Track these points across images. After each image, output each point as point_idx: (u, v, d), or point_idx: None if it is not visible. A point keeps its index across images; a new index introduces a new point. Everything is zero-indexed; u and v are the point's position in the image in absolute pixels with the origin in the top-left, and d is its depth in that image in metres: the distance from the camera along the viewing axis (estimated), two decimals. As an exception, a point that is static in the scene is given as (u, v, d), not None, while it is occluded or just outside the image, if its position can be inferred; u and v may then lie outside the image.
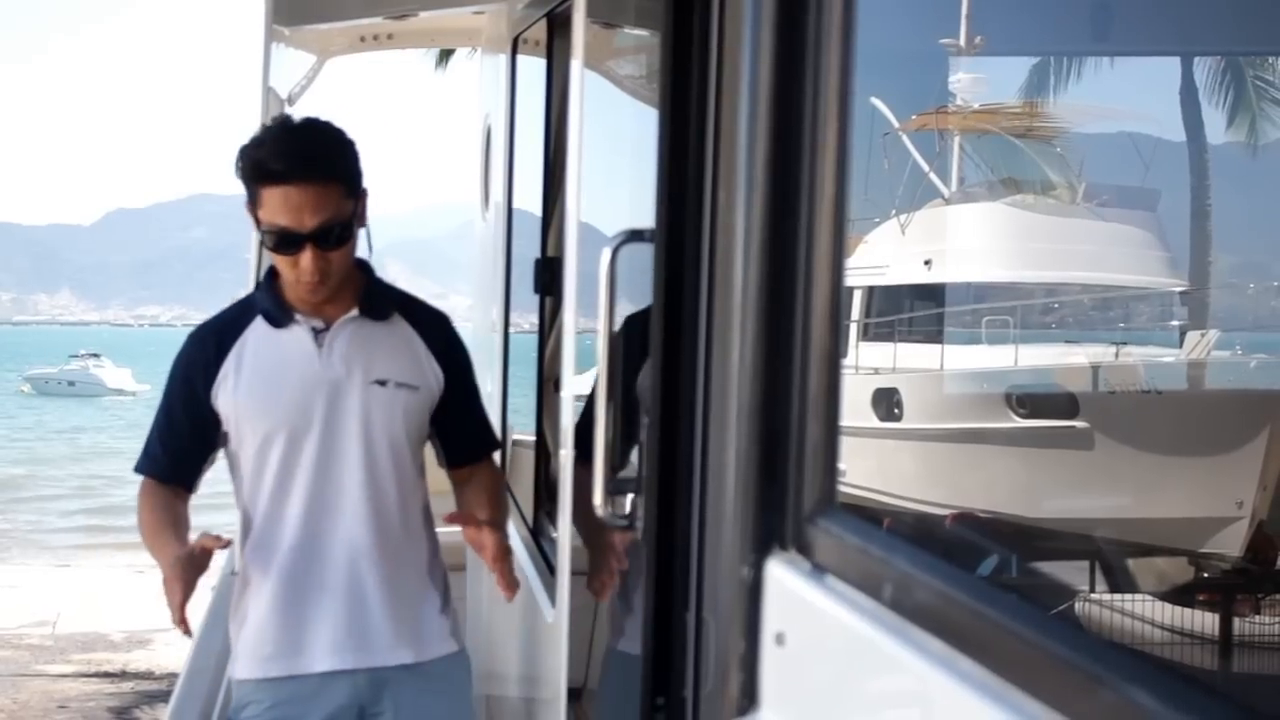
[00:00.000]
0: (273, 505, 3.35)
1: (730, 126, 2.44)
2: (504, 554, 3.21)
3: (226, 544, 3.21)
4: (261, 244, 3.48)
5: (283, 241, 3.23)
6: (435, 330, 3.50)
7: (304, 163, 3.22)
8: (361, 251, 3.39)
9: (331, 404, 3.33)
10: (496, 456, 3.70)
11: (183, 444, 3.41)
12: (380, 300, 3.44)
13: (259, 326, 3.38)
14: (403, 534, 3.42)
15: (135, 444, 3.48)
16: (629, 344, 2.95)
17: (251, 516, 3.41)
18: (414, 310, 3.52)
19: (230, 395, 3.34)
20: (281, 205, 3.19)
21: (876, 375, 11.17)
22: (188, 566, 3.12)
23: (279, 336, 3.36)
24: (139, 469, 3.46)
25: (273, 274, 3.41)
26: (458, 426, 3.54)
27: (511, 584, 3.22)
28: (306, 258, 3.22)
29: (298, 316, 3.35)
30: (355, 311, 3.37)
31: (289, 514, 3.35)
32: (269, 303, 3.40)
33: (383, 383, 3.34)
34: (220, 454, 3.50)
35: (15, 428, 48.64)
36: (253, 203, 3.26)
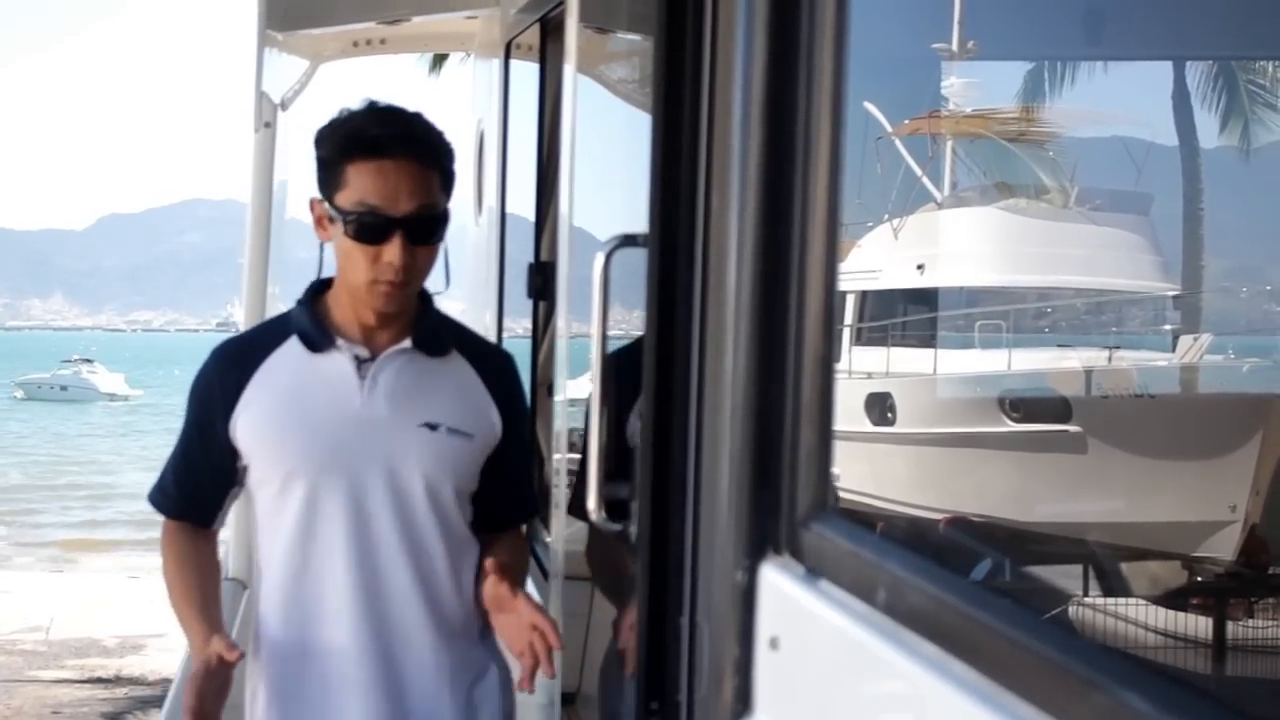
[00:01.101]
0: (290, 562, 2.90)
1: (723, 131, 2.44)
2: (552, 631, 2.69)
3: (239, 657, 2.73)
4: (342, 236, 2.88)
5: (368, 227, 2.77)
6: (498, 372, 3.04)
7: (406, 134, 2.83)
8: (436, 279, 2.98)
9: (368, 447, 2.87)
10: None
11: (199, 478, 3.00)
12: (437, 332, 2.98)
13: (293, 348, 2.92)
14: (456, 605, 2.94)
15: (129, 448, 3.24)
16: (621, 378, 2.82)
17: (265, 570, 2.97)
18: (474, 347, 3.08)
19: (250, 425, 2.89)
20: (374, 181, 2.77)
21: (869, 380, 11.17)
22: (206, 684, 2.72)
23: (315, 363, 2.91)
24: (152, 501, 3.09)
25: (316, 291, 2.98)
26: (502, 489, 3.04)
27: (548, 668, 2.71)
28: (394, 249, 2.76)
29: (340, 342, 2.89)
30: (408, 342, 2.90)
31: (311, 575, 2.89)
32: (308, 322, 2.93)
33: (434, 427, 2.88)
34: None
35: (6, 434, 48.54)
36: (331, 186, 2.82)
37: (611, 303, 3.07)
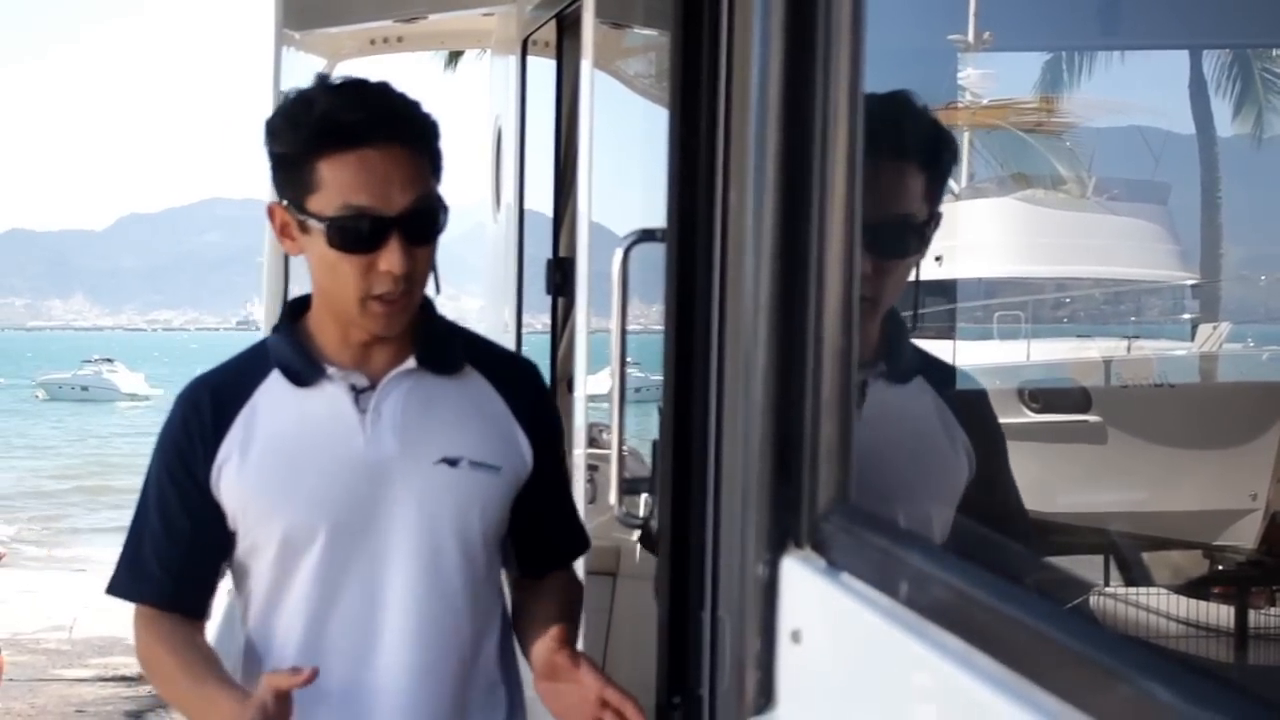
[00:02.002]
0: (293, 636, 2.41)
1: (741, 124, 2.45)
2: (634, 710, 2.24)
3: (311, 677, 2.19)
4: (287, 256, 2.59)
5: (358, 232, 2.27)
6: (522, 387, 2.54)
7: (388, 115, 2.34)
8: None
9: (381, 494, 2.38)
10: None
11: (186, 552, 2.44)
12: (445, 345, 2.48)
13: (275, 385, 2.43)
14: (481, 681, 2.50)
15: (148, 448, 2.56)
16: None
17: (261, 652, 2.45)
18: (491, 359, 2.56)
19: (236, 482, 2.39)
20: (357, 176, 2.27)
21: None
22: None
23: (305, 399, 2.41)
24: (126, 595, 2.47)
25: (294, 314, 2.48)
26: (542, 524, 2.56)
27: None
28: (392, 255, 2.27)
29: (331, 371, 2.40)
30: (411, 362, 2.41)
31: (319, 653, 2.37)
32: (289, 351, 2.43)
33: (453, 462, 2.40)
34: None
35: (30, 434, 48.70)
36: (299, 188, 2.31)
37: (631, 297, 3.07)
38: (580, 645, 3.38)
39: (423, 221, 2.34)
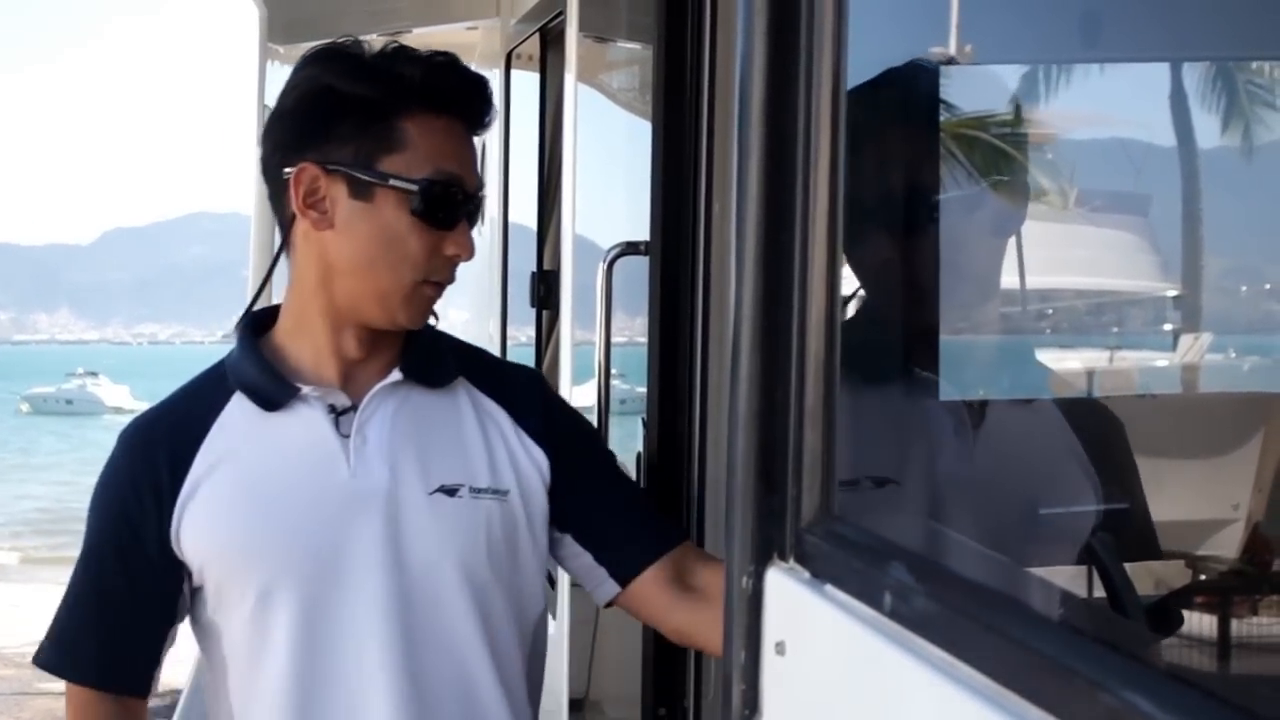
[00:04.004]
0: (276, 705, 2.05)
1: (723, 136, 2.46)
2: None
3: None
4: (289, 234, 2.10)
5: (451, 201, 2.03)
6: (523, 395, 2.22)
7: (478, 91, 2.11)
8: None
9: (371, 533, 2.04)
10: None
11: (125, 624, 2.10)
12: (433, 354, 2.19)
13: (240, 411, 2.10)
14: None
15: None
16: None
17: None
18: (486, 369, 2.26)
19: (200, 530, 2.05)
20: (447, 144, 2.05)
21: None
22: None
23: (275, 425, 2.08)
24: (52, 669, 2.16)
25: (256, 329, 2.17)
26: (609, 518, 2.21)
27: None
28: (464, 237, 2.06)
29: (305, 390, 2.07)
30: (396, 374, 2.11)
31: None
32: (253, 371, 2.10)
33: (451, 491, 2.08)
34: (181, 625, 2.18)
35: (12, 446, 48.54)
36: (380, 142, 2.03)
37: (615, 310, 3.07)
38: (565, 658, 3.38)
39: (480, 214, 2.13)
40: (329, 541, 2.04)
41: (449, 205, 2.03)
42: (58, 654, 2.16)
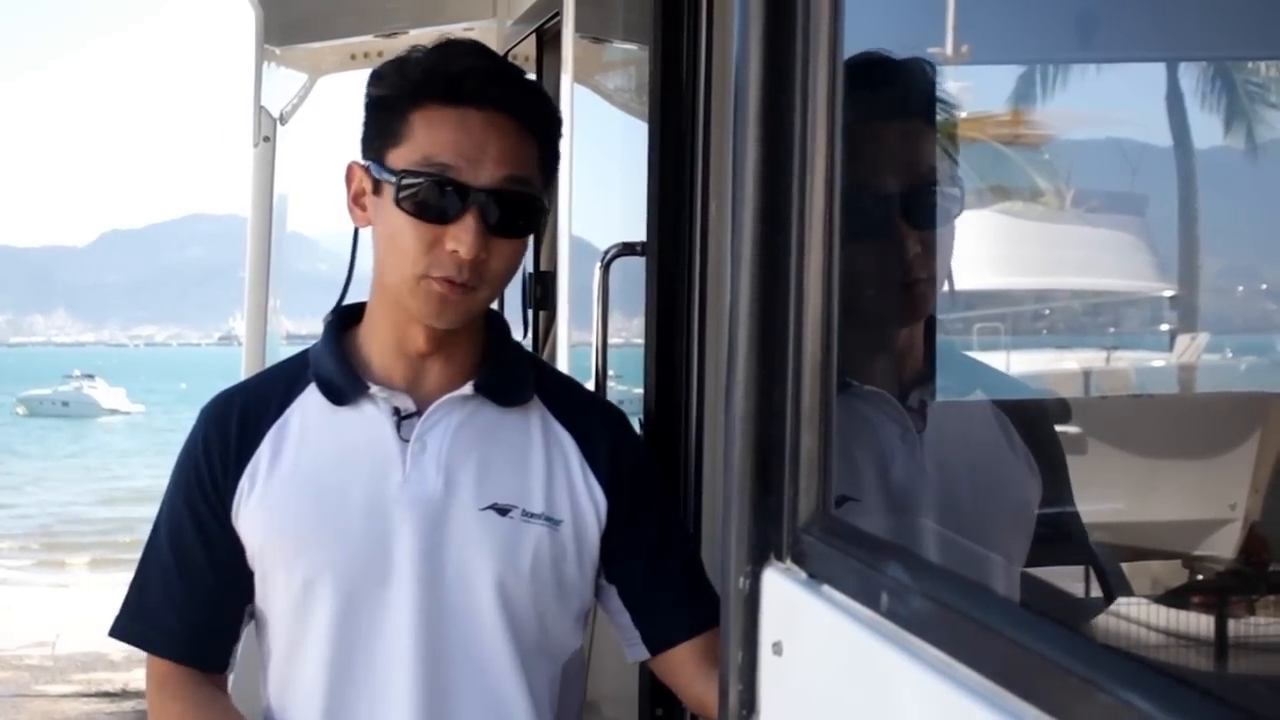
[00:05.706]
0: (311, 704, 2.05)
1: (720, 137, 2.45)
2: None
3: None
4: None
5: (431, 195, 1.93)
6: (601, 431, 2.15)
7: (503, 75, 2.02)
8: (514, 307, 2.08)
9: (413, 540, 2.02)
10: None
11: (208, 598, 2.10)
12: (512, 372, 2.13)
13: (312, 401, 2.09)
14: None
15: (134, 463, 2.18)
16: None
17: (278, 715, 2.10)
18: (567, 396, 2.19)
19: (257, 515, 2.06)
20: (450, 134, 1.95)
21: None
22: None
23: (341, 420, 2.07)
24: (132, 640, 2.13)
25: (344, 321, 2.15)
26: (657, 584, 2.13)
27: None
28: (466, 231, 1.93)
29: (374, 389, 2.05)
30: (468, 388, 2.07)
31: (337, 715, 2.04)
32: (331, 363, 2.09)
33: (504, 511, 2.03)
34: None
35: (14, 453, 48.52)
36: (386, 139, 1.99)
37: (612, 311, 3.07)
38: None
39: (510, 208, 1.96)
40: (372, 544, 2.02)
41: (434, 199, 1.94)
42: (142, 626, 2.12)
